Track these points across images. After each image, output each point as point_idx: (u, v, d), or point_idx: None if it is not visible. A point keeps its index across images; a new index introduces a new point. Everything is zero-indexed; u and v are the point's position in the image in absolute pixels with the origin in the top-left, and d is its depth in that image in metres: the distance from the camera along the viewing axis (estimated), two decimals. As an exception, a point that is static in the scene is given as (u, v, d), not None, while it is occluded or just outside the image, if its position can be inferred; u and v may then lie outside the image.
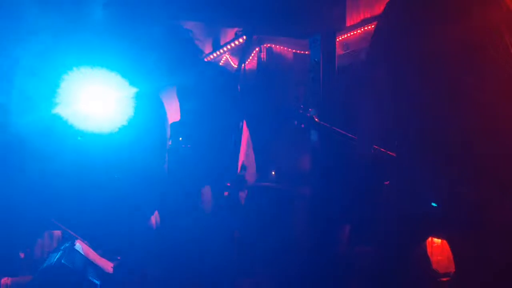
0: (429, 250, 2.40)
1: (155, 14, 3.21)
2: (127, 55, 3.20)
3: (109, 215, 3.19)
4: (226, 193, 2.84)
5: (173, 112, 3.70)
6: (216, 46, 4.85)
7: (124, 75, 3.26)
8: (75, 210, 3.09)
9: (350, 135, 2.17)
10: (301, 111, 2.33)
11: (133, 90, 3.27)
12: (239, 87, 2.66)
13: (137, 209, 3.19)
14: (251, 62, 4.78)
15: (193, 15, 3.18)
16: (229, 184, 2.66)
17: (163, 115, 3.63)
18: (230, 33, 4.38)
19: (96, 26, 3.35)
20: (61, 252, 2.48)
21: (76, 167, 3.13)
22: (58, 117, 3.32)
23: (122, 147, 3.42)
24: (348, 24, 3.93)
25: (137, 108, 3.62)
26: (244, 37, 3.97)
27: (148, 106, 3.69)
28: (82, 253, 2.59)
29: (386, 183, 1.83)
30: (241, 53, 3.12)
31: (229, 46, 4.59)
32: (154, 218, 3.19)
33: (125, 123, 3.47)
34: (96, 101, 3.54)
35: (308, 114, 2.30)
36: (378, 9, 3.75)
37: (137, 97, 3.55)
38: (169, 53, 2.95)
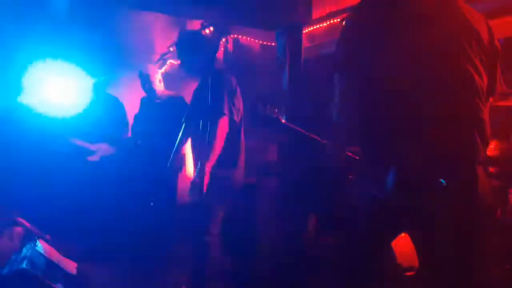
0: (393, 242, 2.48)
1: (116, 2, 3.14)
2: (88, 43, 3.14)
3: (72, 208, 3.15)
4: None
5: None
6: (183, 36, 4.78)
7: (84, 64, 3.20)
8: (37, 204, 3.03)
9: (315, 137, 2.19)
10: (267, 111, 2.33)
11: (92, 80, 3.24)
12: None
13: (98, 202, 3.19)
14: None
15: (157, 6, 3.13)
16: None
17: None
18: (196, 24, 4.33)
19: (58, 14, 3.26)
20: (23, 254, 2.40)
21: (37, 160, 3.06)
22: (20, 106, 3.25)
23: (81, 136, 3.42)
24: (314, 17, 3.98)
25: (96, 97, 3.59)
26: (211, 28, 3.95)
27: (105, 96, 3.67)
28: (45, 254, 2.52)
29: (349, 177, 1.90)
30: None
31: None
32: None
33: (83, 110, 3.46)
34: (58, 90, 3.49)
35: (275, 115, 2.32)
36: (343, 3, 3.82)
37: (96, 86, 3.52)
38: None
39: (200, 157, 2.64)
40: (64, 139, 3.32)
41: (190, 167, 3.11)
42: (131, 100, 4.03)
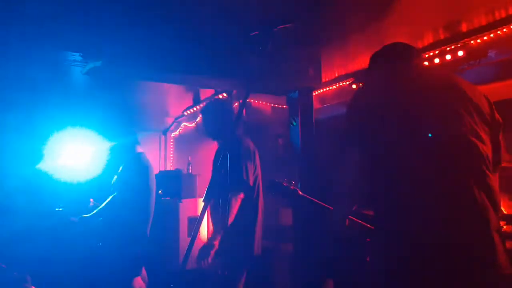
0: None
1: (133, 77, 3.31)
2: (102, 115, 3.27)
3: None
4: None
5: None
6: (197, 101, 4.95)
7: (99, 131, 3.31)
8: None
9: (328, 206, 2.18)
10: (285, 184, 2.35)
11: (108, 144, 3.32)
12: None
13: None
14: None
15: (172, 79, 3.28)
16: None
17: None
18: (210, 90, 4.50)
19: (76, 90, 3.44)
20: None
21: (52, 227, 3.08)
22: (37, 174, 3.33)
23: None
24: (323, 80, 4.11)
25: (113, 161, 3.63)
26: (225, 94, 4.09)
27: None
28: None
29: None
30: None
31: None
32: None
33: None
34: (75, 155, 3.59)
35: (292, 187, 2.33)
36: (351, 67, 3.95)
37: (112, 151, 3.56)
38: None
39: (215, 223, 2.63)
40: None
41: (204, 232, 3.08)
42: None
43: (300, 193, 2.32)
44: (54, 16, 2.53)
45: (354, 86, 3.95)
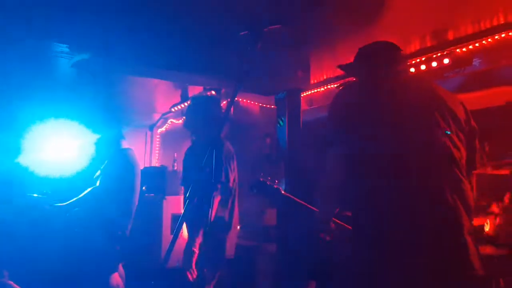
0: None
1: (121, 71, 3.28)
2: (88, 107, 3.22)
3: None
4: None
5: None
6: (185, 98, 4.93)
7: (84, 124, 3.26)
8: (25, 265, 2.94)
9: (312, 207, 2.19)
10: (268, 183, 2.35)
11: (93, 138, 3.27)
12: None
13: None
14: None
15: (161, 75, 3.26)
16: None
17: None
18: (198, 87, 4.48)
19: (61, 82, 3.39)
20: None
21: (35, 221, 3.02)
22: (11, 167, 3.27)
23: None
24: (312, 82, 4.14)
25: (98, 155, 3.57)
26: (213, 91, 4.08)
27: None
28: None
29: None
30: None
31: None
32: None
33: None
34: (59, 149, 3.53)
35: (276, 186, 2.33)
36: (339, 70, 3.97)
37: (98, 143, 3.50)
38: None
39: (193, 222, 2.61)
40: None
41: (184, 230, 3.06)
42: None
43: (283, 192, 2.33)
44: (42, 5, 2.49)
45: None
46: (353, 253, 1.69)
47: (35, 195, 3.18)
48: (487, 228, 2.48)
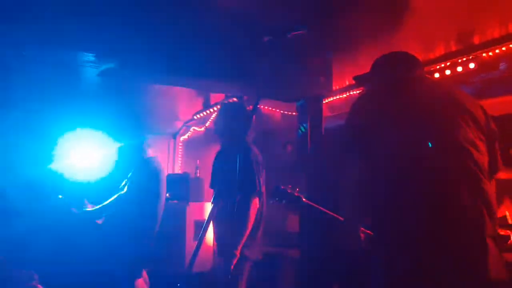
0: None
1: (146, 79, 3.34)
2: (113, 117, 3.30)
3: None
4: None
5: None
6: (207, 105, 4.98)
7: (109, 134, 3.33)
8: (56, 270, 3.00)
9: (335, 215, 2.18)
10: (289, 191, 2.34)
11: (119, 145, 3.34)
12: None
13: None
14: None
15: (184, 83, 3.31)
16: None
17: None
18: (220, 95, 4.53)
19: (88, 91, 3.48)
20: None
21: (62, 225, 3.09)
22: (43, 172, 3.37)
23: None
24: (334, 89, 4.11)
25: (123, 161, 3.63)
26: (235, 98, 4.11)
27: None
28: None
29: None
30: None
31: (219, 106, 4.72)
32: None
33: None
34: (84, 157, 3.62)
35: (296, 194, 2.33)
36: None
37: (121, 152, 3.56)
38: None
39: (224, 231, 2.63)
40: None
41: (210, 235, 3.07)
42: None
43: (304, 200, 2.32)
44: (68, 15, 2.57)
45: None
46: (378, 259, 1.67)
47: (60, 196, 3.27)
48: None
